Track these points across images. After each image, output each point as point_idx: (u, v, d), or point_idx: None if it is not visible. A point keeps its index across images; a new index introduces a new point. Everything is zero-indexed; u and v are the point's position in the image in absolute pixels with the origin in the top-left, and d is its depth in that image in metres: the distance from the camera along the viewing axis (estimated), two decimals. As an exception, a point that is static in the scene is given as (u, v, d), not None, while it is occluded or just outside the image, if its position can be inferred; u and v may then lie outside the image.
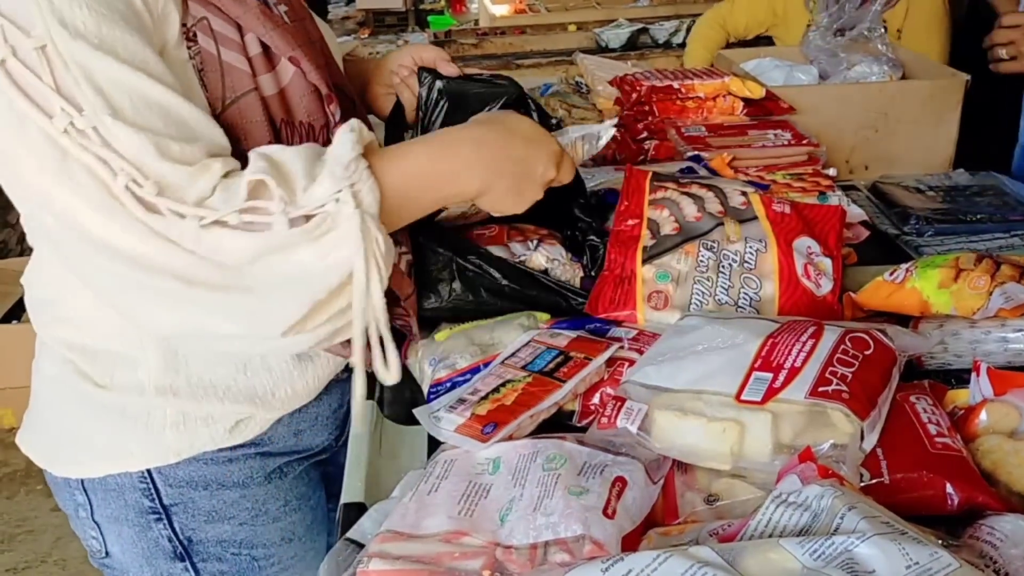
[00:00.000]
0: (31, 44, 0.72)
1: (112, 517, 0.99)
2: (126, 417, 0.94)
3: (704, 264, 1.13)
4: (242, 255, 0.77)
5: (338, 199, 0.79)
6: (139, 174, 0.74)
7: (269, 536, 1.05)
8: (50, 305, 0.96)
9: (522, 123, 0.96)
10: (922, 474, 0.79)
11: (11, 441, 2.97)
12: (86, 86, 0.73)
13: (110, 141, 0.74)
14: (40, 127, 0.73)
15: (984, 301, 1.02)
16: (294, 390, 1.01)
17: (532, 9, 3.76)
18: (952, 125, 1.77)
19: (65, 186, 0.74)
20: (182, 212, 0.75)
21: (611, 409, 0.92)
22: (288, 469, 1.06)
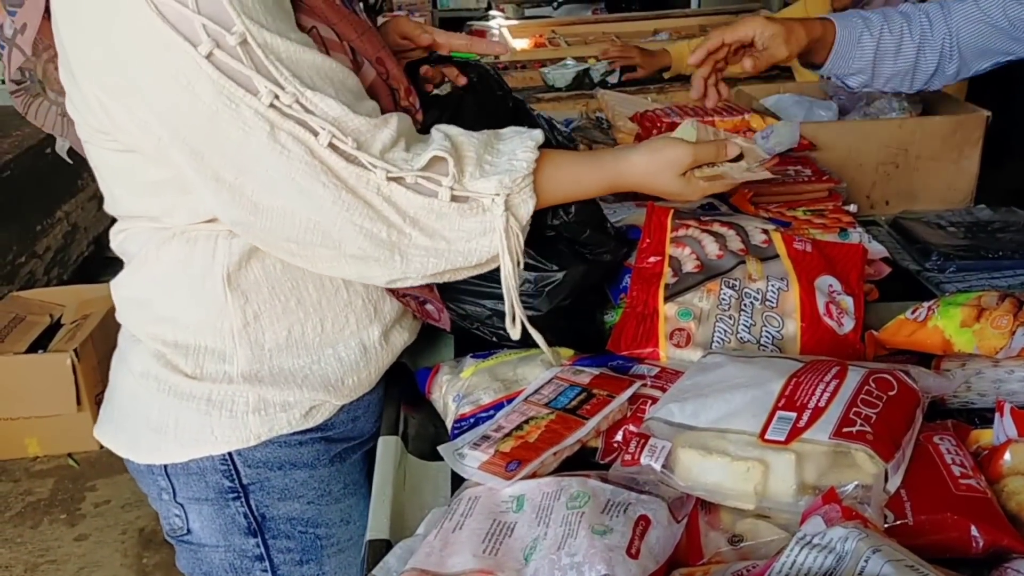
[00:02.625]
0: (233, 39, 0.84)
1: (193, 498, 1.08)
2: (212, 404, 1.03)
3: (726, 302, 1.14)
4: (409, 210, 0.93)
5: (495, 199, 0.96)
6: (339, 132, 0.89)
7: (331, 516, 1.15)
8: (147, 304, 1.06)
9: (673, 186, 1.09)
10: (946, 516, 0.79)
11: (36, 470, 3.01)
12: (281, 67, 0.87)
13: (311, 109, 0.88)
14: (249, 105, 0.86)
15: (1007, 340, 1.03)
16: (359, 379, 1.11)
17: (552, 43, 3.79)
18: (973, 161, 1.77)
19: (276, 153, 0.88)
20: (373, 163, 0.91)
21: (635, 446, 0.92)
22: (346, 455, 1.15)
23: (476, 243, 0.97)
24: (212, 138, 0.88)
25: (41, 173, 3.82)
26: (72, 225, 4.07)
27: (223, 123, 0.87)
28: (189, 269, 1.01)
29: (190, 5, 0.84)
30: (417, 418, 1.17)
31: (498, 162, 0.98)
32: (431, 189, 0.94)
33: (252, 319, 1.02)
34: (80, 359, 2.95)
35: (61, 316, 3.27)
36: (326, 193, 0.90)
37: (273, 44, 0.87)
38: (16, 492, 2.91)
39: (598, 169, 1.07)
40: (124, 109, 0.91)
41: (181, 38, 0.84)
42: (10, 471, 3.01)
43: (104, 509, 2.83)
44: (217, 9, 0.84)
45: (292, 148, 0.88)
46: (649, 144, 1.10)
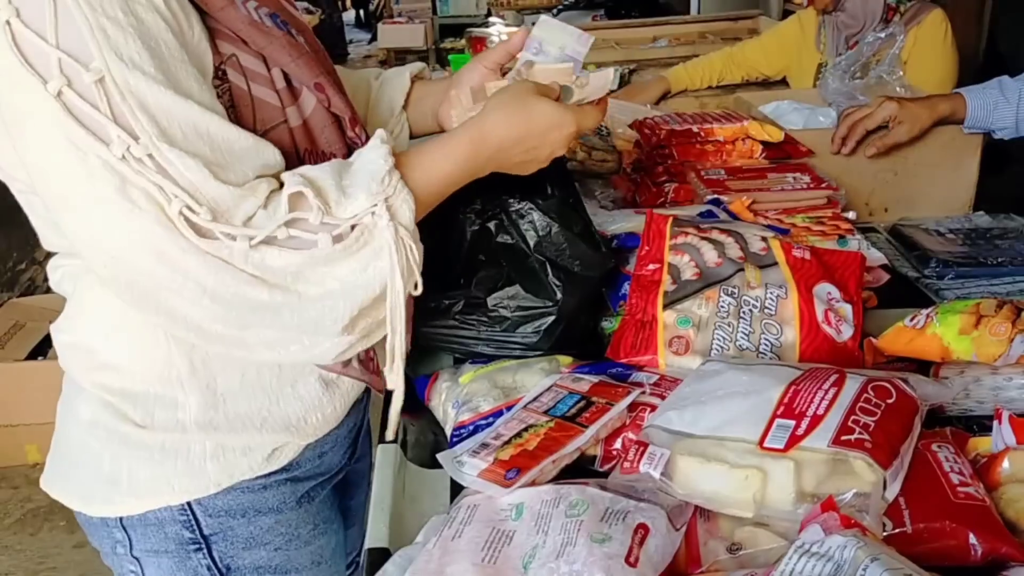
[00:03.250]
0: (90, 77, 0.75)
1: (152, 550, 1.02)
2: (166, 453, 0.96)
3: (725, 310, 1.14)
4: (287, 271, 0.82)
5: (374, 212, 0.85)
6: (193, 200, 0.78)
7: (301, 560, 1.09)
8: (88, 351, 0.98)
9: (541, 116, 0.98)
10: (945, 524, 0.79)
11: (35, 477, 2.99)
12: (141, 115, 0.77)
13: (166, 167, 0.77)
14: (98, 155, 0.76)
15: (1005, 348, 1.03)
16: (324, 416, 1.04)
17: (552, 50, 3.80)
18: (972, 168, 1.78)
19: (127, 211, 0.77)
20: (232, 234, 0.80)
21: (633, 454, 0.92)
22: (314, 493, 1.09)
23: (372, 269, 0.86)
24: (61, 189, 0.79)
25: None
26: (72, 232, 4.08)
27: (71, 172, 0.77)
28: (128, 313, 0.90)
29: (49, 38, 0.75)
30: (416, 425, 1.17)
31: (356, 177, 0.87)
32: (307, 239, 0.83)
33: (200, 365, 0.95)
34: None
35: (61, 323, 3.28)
36: (189, 260, 0.79)
37: (138, 88, 0.77)
38: (16, 499, 2.91)
39: (454, 136, 0.97)
40: (5, 146, 0.84)
41: (31, 73, 0.75)
42: (9, 478, 3.01)
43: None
44: (78, 43, 0.76)
45: (145, 207, 0.77)
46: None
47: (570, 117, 1.00)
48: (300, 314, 0.84)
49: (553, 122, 0.99)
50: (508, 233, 1.16)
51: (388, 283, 0.87)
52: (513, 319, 1.16)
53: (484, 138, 0.97)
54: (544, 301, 1.15)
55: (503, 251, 1.16)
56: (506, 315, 1.16)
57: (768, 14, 4.37)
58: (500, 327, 1.17)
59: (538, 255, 1.14)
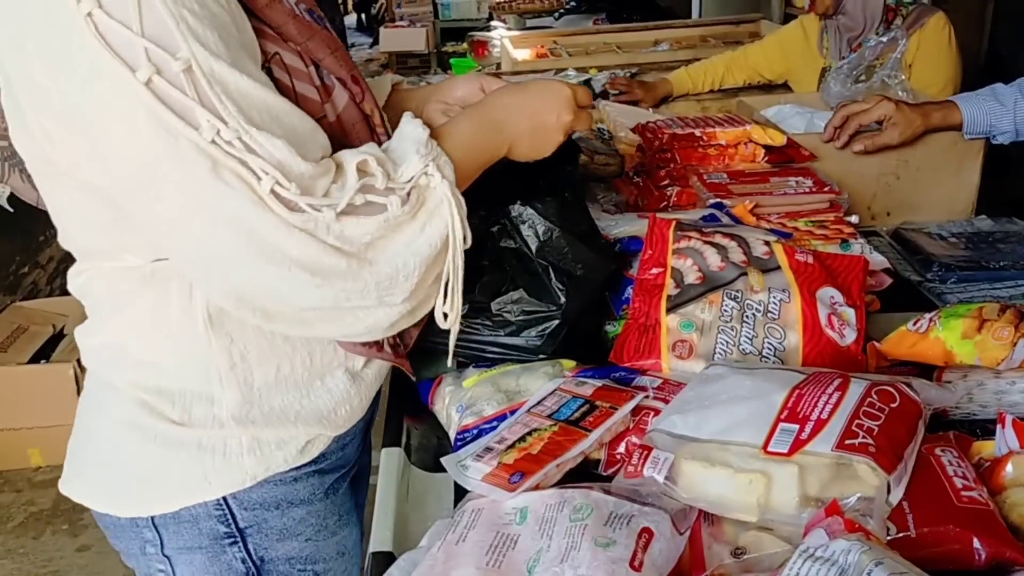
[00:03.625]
0: (178, 65, 0.78)
1: (184, 547, 1.03)
2: (203, 449, 0.98)
3: (728, 314, 1.14)
4: (363, 239, 0.87)
5: (427, 173, 0.92)
6: (282, 176, 0.82)
7: (328, 551, 1.12)
8: (122, 351, 0.99)
9: (533, 84, 1.08)
10: (949, 528, 0.79)
11: (38, 480, 3.01)
12: (227, 100, 0.80)
13: (255, 148, 0.81)
14: (189, 139, 0.79)
15: (1008, 352, 1.03)
16: (351, 408, 1.07)
17: (554, 54, 3.80)
18: (974, 172, 1.78)
19: (220, 192, 0.80)
20: (318, 206, 0.84)
21: (637, 458, 0.92)
22: (338, 485, 1.12)
23: (430, 227, 0.92)
24: (152, 175, 0.81)
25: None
26: (75, 235, 4.08)
27: (161, 158, 0.79)
28: (167, 311, 0.95)
29: (134, 27, 0.77)
30: (420, 429, 1.17)
31: (401, 148, 0.94)
32: (379, 204, 0.88)
33: (239, 359, 0.97)
34: (83, 369, 2.95)
35: (64, 326, 3.28)
36: (277, 234, 0.83)
37: (221, 74, 0.80)
38: (18, 503, 2.91)
39: (469, 110, 1.06)
40: (69, 139, 0.84)
41: (120, 63, 0.77)
42: (12, 481, 3.01)
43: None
44: (163, 32, 0.78)
45: (237, 187, 0.81)
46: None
47: (561, 83, 1.08)
48: (376, 275, 0.88)
49: (546, 88, 1.07)
50: (511, 238, 1.16)
51: (449, 230, 0.93)
52: (517, 323, 1.16)
53: (487, 111, 1.05)
54: (548, 305, 1.15)
55: (506, 256, 1.16)
56: (510, 319, 1.16)
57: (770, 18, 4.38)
58: (504, 331, 1.17)
59: (540, 259, 1.15)
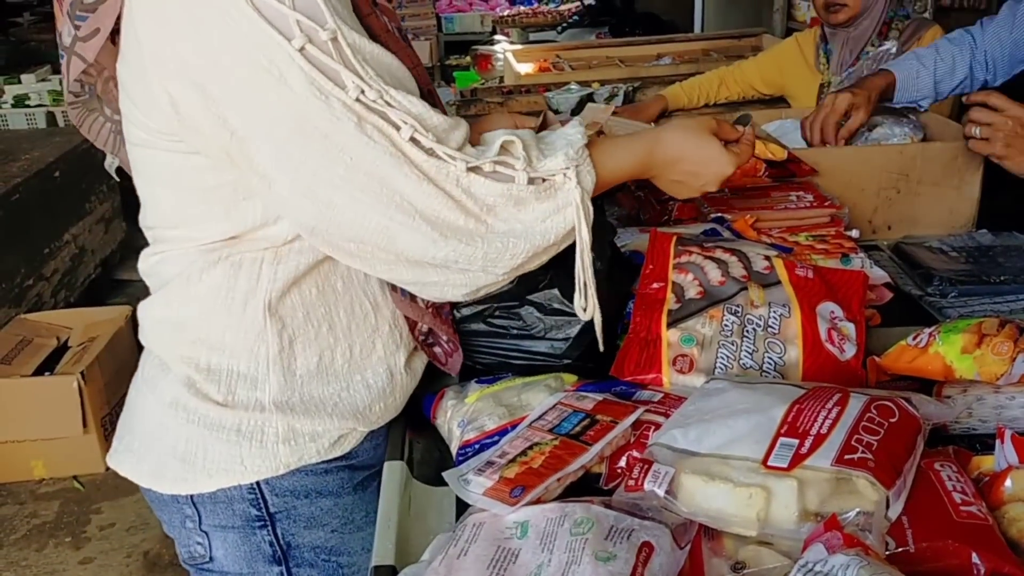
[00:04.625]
0: (326, 35, 0.89)
1: (219, 526, 1.09)
2: (242, 434, 1.05)
3: (728, 328, 1.15)
4: (487, 199, 0.96)
5: (566, 174, 1.00)
6: (420, 126, 0.93)
7: (353, 544, 1.16)
8: (181, 326, 1.06)
9: (709, 149, 1.14)
10: (947, 543, 0.79)
11: (41, 492, 3.01)
12: (366, 65, 0.92)
13: (394, 104, 0.92)
14: (339, 98, 0.90)
15: (1008, 367, 1.03)
16: (386, 405, 1.13)
17: (556, 67, 3.82)
18: (974, 186, 1.79)
19: (363, 143, 0.91)
20: (453, 156, 0.94)
21: (638, 472, 0.93)
22: (367, 483, 1.16)
23: (551, 221, 1.00)
24: (299, 130, 0.91)
25: (49, 196, 3.85)
26: (79, 248, 4.10)
27: (312, 114, 0.90)
28: (232, 293, 1.03)
29: (287, 2, 0.88)
30: (422, 443, 1.18)
31: (555, 143, 1.03)
32: (508, 175, 0.97)
33: (287, 345, 1.05)
34: (86, 382, 2.97)
35: (68, 339, 3.29)
36: (408, 184, 0.92)
37: (359, 44, 0.92)
38: (21, 515, 2.91)
39: (637, 138, 1.14)
40: (203, 105, 0.92)
41: (276, 32, 0.88)
42: (16, 493, 3.01)
43: (109, 532, 2.83)
44: (312, 7, 0.89)
45: (378, 140, 0.91)
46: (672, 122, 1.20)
47: (729, 160, 1.14)
48: (487, 244, 0.97)
49: (715, 158, 1.14)
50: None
51: (577, 232, 1.02)
52: (545, 324, 1.17)
53: (661, 147, 1.13)
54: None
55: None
56: (538, 318, 1.18)
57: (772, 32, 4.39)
58: (529, 334, 1.18)
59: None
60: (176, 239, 1.06)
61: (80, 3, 0.97)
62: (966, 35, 1.98)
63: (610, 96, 3.13)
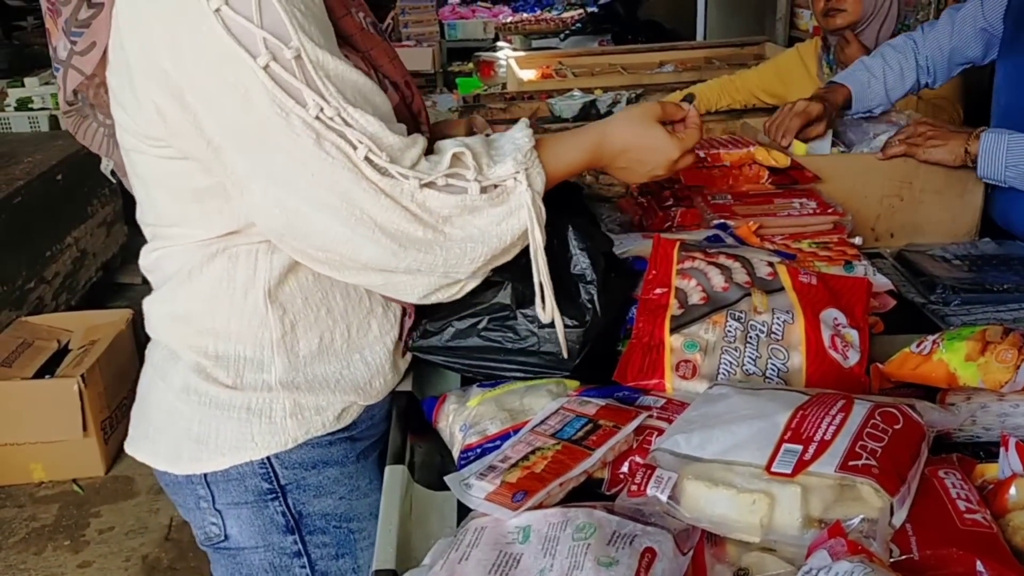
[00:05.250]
0: (290, 53, 0.92)
1: (232, 503, 1.15)
2: (251, 412, 1.10)
3: (732, 334, 1.15)
4: (443, 211, 1.00)
5: (516, 178, 1.03)
6: (375, 146, 0.96)
7: (361, 510, 1.21)
8: (188, 319, 1.11)
9: (654, 137, 1.17)
10: (952, 551, 0.79)
11: (40, 495, 3.01)
12: (328, 82, 0.94)
13: (351, 123, 0.95)
14: (299, 115, 0.93)
15: (1012, 374, 1.03)
16: (385, 381, 1.19)
17: (559, 74, 3.83)
18: (977, 194, 1.79)
19: (322, 160, 0.94)
20: (405, 174, 0.97)
21: (641, 477, 0.92)
22: (368, 452, 1.23)
23: (505, 224, 1.03)
24: (263, 143, 0.94)
25: (51, 199, 3.85)
26: (81, 251, 4.10)
27: (274, 130, 0.93)
28: (232, 284, 1.08)
29: (255, 20, 0.91)
30: (424, 447, 1.17)
31: (503, 148, 1.06)
32: (461, 187, 1.01)
33: (289, 329, 1.10)
34: (87, 385, 2.96)
35: (69, 342, 3.28)
36: (366, 199, 0.96)
37: (323, 61, 0.94)
38: (20, 518, 2.91)
39: (583, 133, 1.16)
40: (182, 114, 0.96)
41: (242, 50, 0.91)
42: (15, 496, 3.01)
43: (108, 536, 2.83)
44: (278, 25, 0.92)
45: (336, 156, 0.94)
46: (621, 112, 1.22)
47: (674, 145, 1.17)
48: (446, 252, 1.01)
49: (660, 146, 1.17)
50: (555, 245, 1.16)
51: (529, 233, 1.05)
52: (539, 336, 1.17)
53: (608, 140, 1.16)
54: (573, 320, 1.15)
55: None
56: (531, 331, 1.17)
57: (774, 40, 4.40)
58: (526, 343, 1.17)
59: (576, 273, 1.17)
60: (175, 236, 1.10)
61: (75, 20, 1.01)
62: (909, 41, 2.09)
63: (612, 103, 3.13)
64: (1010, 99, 1.88)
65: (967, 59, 2.03)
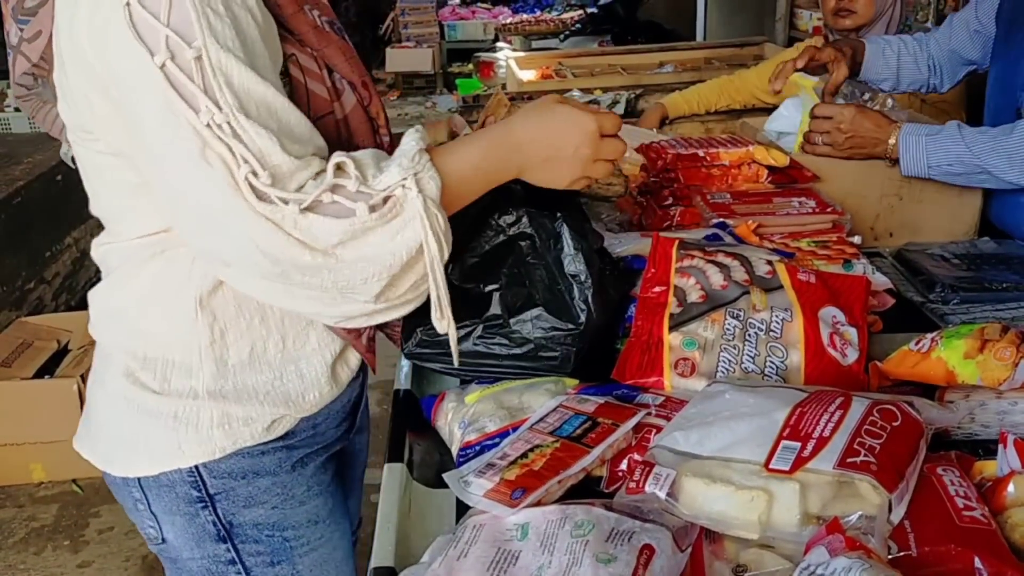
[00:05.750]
0: (191, 54, 0.88)
1: (166, 508, 1.13)
2: (178, 421, 1.07)
3: (730, 332, 1.15)
4: (330, 238, 0.92)
5: (404, 185, 0.94)
6: (259, 165, 0.90)
7: (297, 518, 1.18)
8: (122, 317, 1.10)
9: (561, 113, 1.07)
10: (950, 547, 0.79)
11: (40, 496, 3.01)
12: (227, 90, 0.89)
13: (240, 135, 0.89)
14: (188, 119, 0.88)
15: (1010, 372, 1.03)
16: (321, 394, 1.14)
17: (559, 75, 3.83)
18: (976, 193, 1.79)
19: (204, 169, 0.89)
20: (286, 198, 0.91)
21: (639, 474, 0.93)
22: (309, 460, 1.18)
23: (400, 238, 0.94)
24: (156, 145, 0.92)
25: (51, 200, 3.86)
26: (81, 251, 4.10)
27: (164, 132, 0.90)
28: (165, 285, 1.05)
29: (161, 18, 0.88)
30: (422, 445, 1.17)
31: (392, 158, 0.98)
32: (348, 208, 0.92)
33: (219, 336, 1.06)
34: (86, 385, 2.96)
35: (68, 342, 3.28)
36: (245, 218, 0.90)
37: (228, 68, 0.89)
38: (20, 518, 2.90)
39: (483, 132, 1.08)
40: (108, 107, 0.94)
41: (140, 45, 0.88)
42: (14, 496, 3.01)
43: (108, 536, 2.83)
44: (185, 24, 0.89)
45: (218, 169, 0.89)
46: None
47: (589, 116, 1.07)
48: (337, 275, 0.94)
49: (572, 119, 1.06)
50: (537, 252, 1.16)
51: (424, 244, 0.95)
52: (535, 342, 1.16)
53: (509, 131, 1.06)
54: (567, 324, 1.15)
55: (530, 270, 1.16)
56: (528, 337, 1.16)
57: (774, 41, 4.40)
58: (522, 350, 1.17)
59: (567, 276, 1.15)
60: (118, 232, 1.09)
61: (21, 7, 1.01)
62: (921, 39, 2.09)
63: (612, 103, 3.13)
64: (999, 101, 1.88)
65: (968, 61, 2.02)
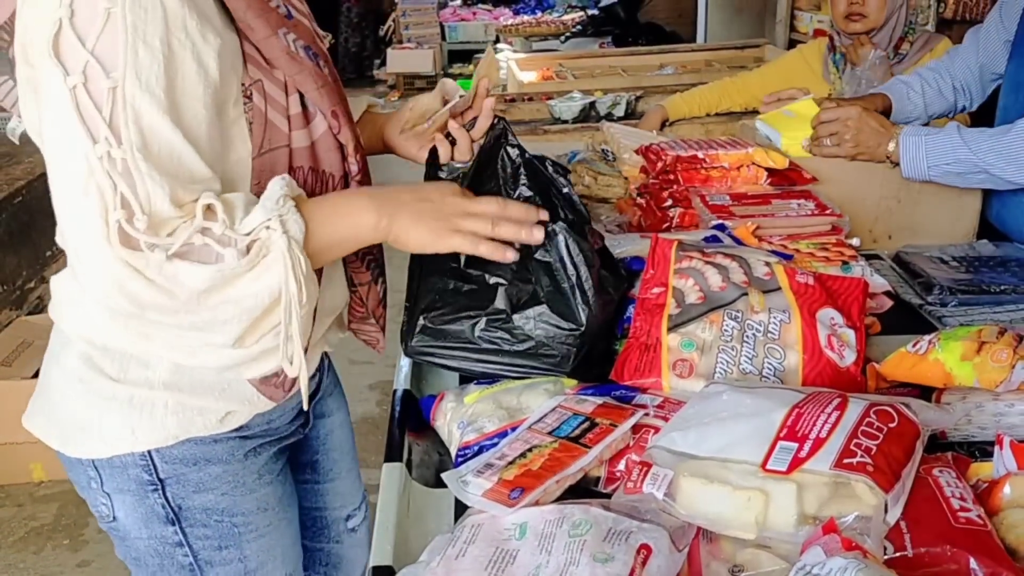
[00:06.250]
0: (107, 84, 0.87)
1: (117, 488, 1.15)
2: (133, 406, 1.09)
3: (729, 333, 1.15)
4: (196, 285, 0.92)
5: (268, 227, 0.95)
6: (139, 210, 0.89)
7: (247, 505, 1.20)
8: (81, 305, 1.08)
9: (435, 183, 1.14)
10: (946, 548, 0.79)
11: (39, 495, 3.01)
12: (133, 126, 0.88)
13: (132, 173, 0.89)
14: (83, 147, 0.88)
15: (1007, 374, 1.03)
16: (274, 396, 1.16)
17: (559, 76, 3.84)
18: (975, 196, 1.79)
19: (79, 200, 0.89)
20: (153, 244, 0.90)
21: (637, 474, 0.93)
22: (261, 450, 1.21)
23: (263, 280, 0.94)
24: (50, 157, 0.92)
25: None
26: (81, 251, 4.11)
27: (59, 149, 0.91)
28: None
29: (88, 43, 0.88)
30: (421, 445, 1.18)
31: (259, 202, 0.97)
32: (217, 252, 0.92)
33: None
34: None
35: (68, 341, 3.29)
36: (107, 256, 0.89)
37: (139, 105, 0.88)
38: (19, 517, 2.91)
39: (347, 190, 1.11)
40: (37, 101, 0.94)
41: (55, 63, 0.88)
42: (14, 496, 3.01)
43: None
44: (109, 53, 0.88)
45: (95, 203, 0.89)
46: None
47: (460, 189, 1.11)
48: (195, 317, 0.93)
49: (442, 185, 1.13)
50: (547, 250, 1.16)
51: (283, 287, 0.94)
52: (538, 339, 1.17)
53: (383, 187, 1.10)
54: (569, 323, 1.15)
55: (536, 268, 1.16)
56: (530, 335, 1.17)
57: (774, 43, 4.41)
58: (524, 346, 1.17)
59: (570, 276, 1.15)
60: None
61: None
62: (939, 67, 2.09)
63: (612, 105, 3.14)
64: (1008, 100, 1.88)
65: (998, 74, 1.99)
